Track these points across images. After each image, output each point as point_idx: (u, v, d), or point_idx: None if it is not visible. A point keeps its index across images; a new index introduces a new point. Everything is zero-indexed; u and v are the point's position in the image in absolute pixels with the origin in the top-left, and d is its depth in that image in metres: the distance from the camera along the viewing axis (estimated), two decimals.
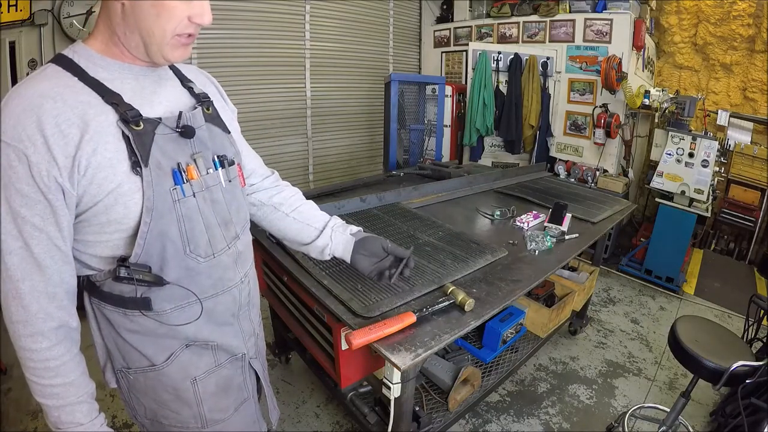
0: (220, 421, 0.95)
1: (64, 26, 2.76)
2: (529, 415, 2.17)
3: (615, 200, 2.69)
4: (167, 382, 0.86)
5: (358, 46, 4.58)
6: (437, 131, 3.68)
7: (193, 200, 0.79)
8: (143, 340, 0.82)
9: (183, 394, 0.88)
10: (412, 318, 1.19)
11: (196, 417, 0.91)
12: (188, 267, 0.81)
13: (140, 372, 0.85)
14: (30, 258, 0.69)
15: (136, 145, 0.72)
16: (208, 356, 0.90)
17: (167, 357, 0.84)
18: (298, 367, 2.42)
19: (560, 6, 4.02)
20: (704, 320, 1.83)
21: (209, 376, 0.91)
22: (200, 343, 0.87)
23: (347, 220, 1.92)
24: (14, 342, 0.73)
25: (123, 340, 0.83)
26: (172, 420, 0.90)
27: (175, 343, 0.85)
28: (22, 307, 0.70)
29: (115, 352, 0.86)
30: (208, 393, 0.91)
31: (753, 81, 4.01)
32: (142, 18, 0.70)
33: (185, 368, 0.87)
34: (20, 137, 0.65)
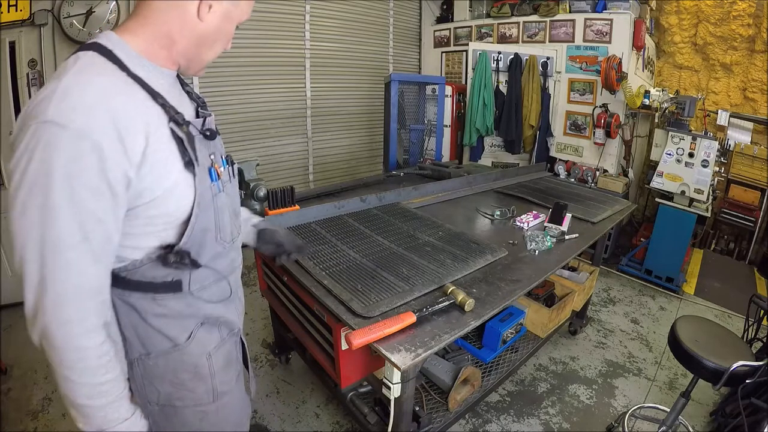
0: (226, 392, 1.02)
1: (64, 26, 2.76)
2: (529, 415, 2.17)
3: (615, 200, 2.69)
4: (188, 360, 0.92)
5: (358, 46, 4.59)
6: (437, 131, 3.68)
7: (222, 194, 0.89)
8: (168, 322, 0.87)
9: (201, 370, 0.94)
10: (412, 318, 1.19)
11: (209, 391, 0.97)
12: (216, 251, 0.90)
13: (161, 355, 0.89)
14: (88, 252, 0.69)
15: (189, 146, 0.79)
16: (215, 333, 0.97)
17: (188, 336, 0.90)
18: (298, 367, 2.42)
19: (560, 6, 4.03)
20: (704, 320, 1.83)
21: (218, 351, 0.98)
22: (212, 320, 0.95)
23: (347, 220, 1.93)
24: (65, 345, 0.70)
25: (147, 325, 0.85)
26: (187, 400, 0.95)
27: (193, 322, 0.91)
28: (77, 304, 0.70)
29: (134, 340, 0.87)
30: (218, 367, 0.98)
31: (753, 81, 4.01)
32: (213, 40, 0.81)
33: (202, 345, 0.93)
34: (93, 128, 0.65)
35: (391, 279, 1.43)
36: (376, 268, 1.50)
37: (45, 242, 0.65)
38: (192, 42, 0.80)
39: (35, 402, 2.13)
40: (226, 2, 0.79)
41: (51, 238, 0.65)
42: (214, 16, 0.79)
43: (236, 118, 3.80)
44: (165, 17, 0.76)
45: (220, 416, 1.02)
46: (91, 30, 2.85)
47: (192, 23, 0.77)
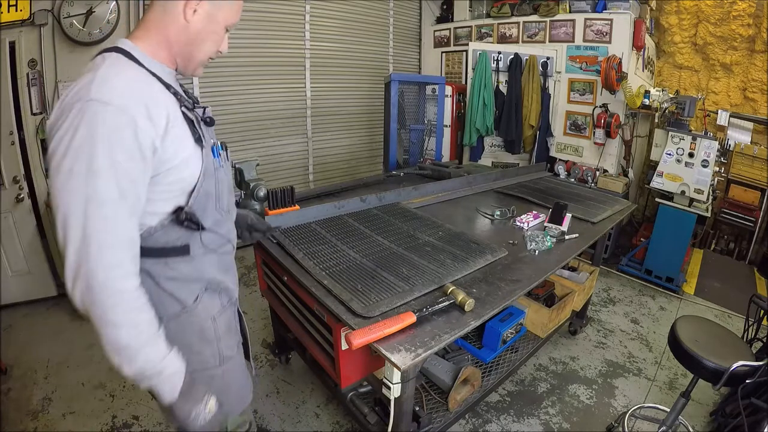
0: (229, 357, 1.12)
1: (64, 26, 2.76)
2: (529, 415, 2.17)
3: (615, 200, 2.70)
4: (195, 322, 1.03)
5: (358, 46, 4.59)
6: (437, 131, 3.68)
7: (222, 169, 1.05)
8: (179, 286, 0.99)
9: (206, 333, 1.05)
10: (412, 318, 1.19)
11: (215, 354, 1.08)
12: (216, 218, 1.03)
13: (172, 319, 0.99)
14: (125, 208, 0.81)
15: (198, 127, 0.97)
16: (217, 299, 1.08)
17: (195, 299, 1.02)
18: (298, 367, 2.42)
19: (560, 6, 4.03)
20: (704, 320, 1.83)
21: (221, 316, 1.09)
22: (214, 285, 1.06)
23: (347, 220, 1.93)
24: (108, 288, 0.79)
25: (160, 289, 0.96)
26: (195, 363, 1.03)
27: (199, 286, 1.02)
28: (117, 252, 0.81)
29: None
30: (222, 331, 1.09)
31: (753, 81, 4.01)
32: (201, 39, 0.94)
33: (207, 308, 1.05)
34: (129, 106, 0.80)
35: (391, 279, 1.43)
36: (376, 268, 1.50)
37: (89, 200, 0.77)
38: (183, 42, 0.93)
39: (35, 402, 2.13)
40: (206, 4, 0.91)
41: (94, 195, 0.77)
42: (199, 17, 0.92)
43: (236, 118, 3.80)
44: (162, 23, 0.91)
45: (225, 381, 1.11)
46: (91, 30, 2.85)
47: (182, 25, 0.91)
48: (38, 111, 2.85)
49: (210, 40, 0.96)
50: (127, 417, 2.06)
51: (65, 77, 2.88)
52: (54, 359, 2.44)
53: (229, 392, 1.12)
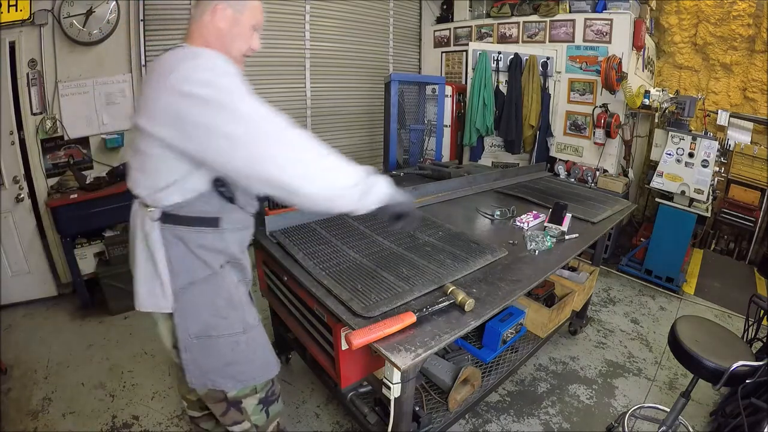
0: (252, 326, 1.20)
1: (64, 26, 2.76)
2: (529, 415, 2.17)
3: (615, 200, 2.69)
4: (223, 286, 1.13)
5: (358, 46, 4.58)
6: (437, 131, 3.68)
7: None
8: (207, 253, 1.10)
9: (233, 297, 1.15)
10: (412, 318, 1.19)
11: (240, 320, 1.16)
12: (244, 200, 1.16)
13: (203, 282, 1.10)
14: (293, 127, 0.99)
15: None
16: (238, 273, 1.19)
17: (221, 265, 1.13)
18: (298, 367, 2.42)
19: (560, 6, 4.03)
20: (704, 320, 1.83)
21: (242, 286, 1.20)
22: (234, 260, 1.17)
23: (347, 220, 1.93)
24: (337, 182, 1.02)
25: (192, 254, 1.08)
26: (221, 328, 1.13)
27: (223, 257, 1.14)
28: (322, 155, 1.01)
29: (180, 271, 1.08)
30: (244, 300, 1.19)
31: (753, 81, 4.01)
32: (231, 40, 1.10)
33: (231, 275, 1.16)
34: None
35: (391, 279, 1.43)
36: (376, 268, 1.50)
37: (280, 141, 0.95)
38: (218, 42, 1.08)
39: (35, 402, 2.13)
40: (229, 10, 1.07)
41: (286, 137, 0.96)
42: (225, 20, 1.07)
43: None
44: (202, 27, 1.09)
45: (249, 348, 1.19)
46: (91, 30, 2.85)
47: (214, 27, 1.08)
48: (38, 111, 2.85)
49: (240, 40, 1.11)
50: (127, 417, 2.06)
51: (65, 77, 2.88)
52: (54, 359, 2.44)
53: (254, 360, 1.21)
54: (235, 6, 1.08)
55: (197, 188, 1.05)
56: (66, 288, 3.13)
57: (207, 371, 1.15)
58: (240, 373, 1.18)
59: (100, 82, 3.02)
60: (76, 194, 2.77)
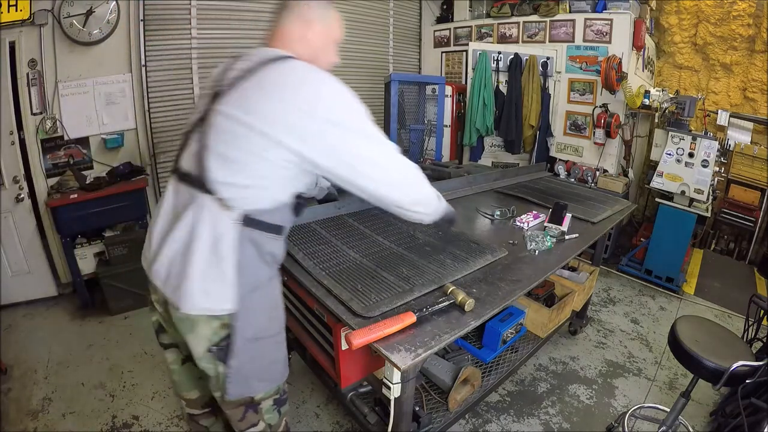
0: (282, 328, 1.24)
1: (64, 26, 2.76)
2: (529, 415, 2.17)
3: (615, 200, 2.69)
4: (275, 291, 1.19)
5: (358, 46, 4.58)
6: (437, 131, 3.68)
7: None
8: (271, 258, 1.14)
9: (278, 300, 1.21)
10: (412, 318, 1.19)
11: (280, 321, 1.21)
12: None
13: (265, 284, 1.14)
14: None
15: None
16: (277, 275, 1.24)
17: (276, 270, 1.19)
18: (298, 367, 2.41)
19: (560, 6, 4.02)
20: (704, 320, 1.83)
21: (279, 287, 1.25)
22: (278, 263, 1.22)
23: (347, 220, 1.93)
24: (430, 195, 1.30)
25: (260, 258, 1.10)
26: (270, 329, 1.17)
27: (277, 263, 1.19)
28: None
29: (250, 274, 1.08)
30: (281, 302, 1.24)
31: (753, 81, 4.01)
32: (321, 53, 1.19)
33: (278, 278, 1.22)
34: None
35: (391, 279, 1.43)
36: (376, 268, 1.50)
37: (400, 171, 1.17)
38: (309, 55, 1.16)
39: (35, 402, 2.13)
40: (319, 27, 1.17)
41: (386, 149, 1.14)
42: (317, 37, 1.17)
43: None
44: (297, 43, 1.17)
45: (282, 345, 1.24)
46: (91, 30, 2.85)
47: (305, 43, 1.17)
48: (38, 111, 2.85)
49: (327, 53, 1.20)
50: (127, 417, 2.06)
51: (65, 77, 2.88)
52: (54, 359, 2.44)
53: (284, 358, 1.26)
54: (324, 21, 1.18)
55: (282, 199, 1.12)
56: (66, 288, 3.13)
57: (249, 377, 1.14)
58: (276, 372, 1.23)
59: (100, 82, 3.02)
60: (76, 194, 2.77)
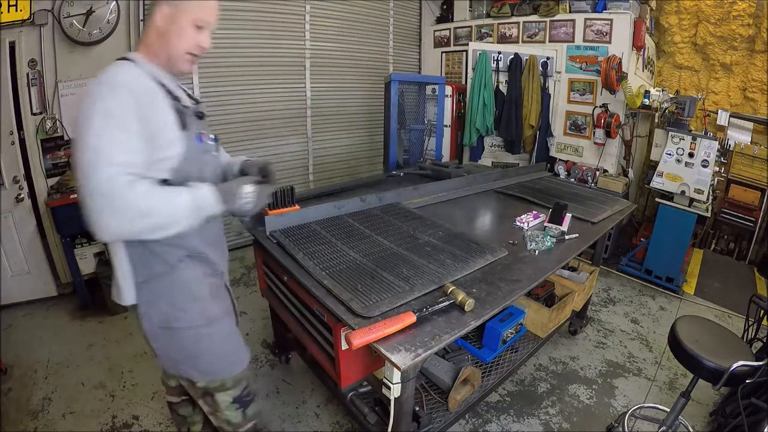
0: (217, 320, 1.23)
1: (64, 26, 2.76)
2: (529, 415, 2.17)
3: (615, 200, 2.69)
4: (180, 279, 1.16)
5: (358, 46, 4.58)
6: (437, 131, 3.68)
7: (208, 155, 1.26)
8: (164, 249, 1.13)
9: (192, 290, 1.18)
10: (412, 318, 1.19)
11: (201, 313, 1.19)
12: None
13: (160, 276, 1.14)
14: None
15: (183, 116, 1.12)
16: (201, 266, 1.21)
17: (178, 260, 1.16)
18: (298, 367, 2.42)
19: (560, 6, 4.02)
20: (704, 320, 1.83)
21: (204, 280, 1.22)
22: (197, 254, 1.20)
23: (347, 220, 1.93)
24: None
25: (149, 251, 1.11)
26: (182, 321, 1.16)
27: (182, 252, 1.16)
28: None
29: (140, 266, 1.12)
30: (207, 294, 1.21)
31: (753, 81, 4.01)
32: (169, 39, 1.12)
33: (190, 269, 1.18)
34: (128, 85, 1.00)
35: (391, 279, 1.43)
36: (376, 268, 1.50)
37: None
38: (159, 43, 1.12)
39: (35, 402, 2.13)
40: (167, 8, 1.09)
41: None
42: (165, 20, 1.10)
43: (236, 118, 3.80)
44: (146, 32, 1.14)
45: (214, 341, 1.22)
46: (91, 30, 2.85)
47: (156, 29, 1.11)
48: (38, 111, 2.85)
49: (182, 39, 1.12)
50: (127, 417, 2.06)
51: (65, 77, 2.88)
52: (54, 359, 2.44)
53: (219, 354, 1.24)
54: (172, 3, 1.09)
55: None
56: (66, 288, 3.13)
57: (177, 361, 1.21)
58: (206, 365, 1.22)
59: None
60: (76, 194, 2.76)
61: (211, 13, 1.15)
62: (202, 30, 1.14)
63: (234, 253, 3.86)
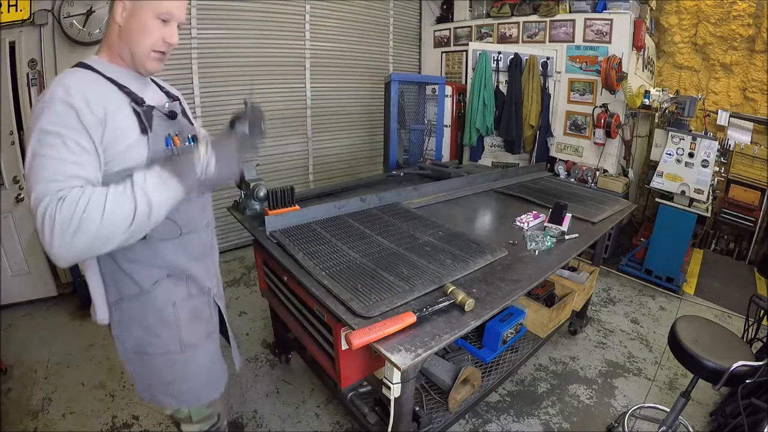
0: (194, 345, 1.17)
1: (64, 26, 2.76)
2: (529, 415, 2.17)
3: (615, 200, 2.69)
4: (153, 305, 1.09)
5: (358, 46, 4.58)
6: (437, 131, 3.68)
7: None
8: (136, 267, 1.05)
9: (166, 316, 1.11)
10: (412, 318, 1.19)
11: (175, 339, 1.13)
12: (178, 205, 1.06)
13: (132, 299, 1.07)
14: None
15: (144, 118, 1.02)
16: (182, 287, 1.14)
17: (153, 283, 1.08)
18: (298, 367, 2.42)
19: (560, 6, 4.02)
20: (704, 320, 1.83)
21: (184, 303, 1.14)
22: (178, 272, 1.12)
23: (347, 220, 1.93)
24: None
25: (120, 269, 1.04)
26: (156, 346, 1.11)
27: (159, 272, 1.09)
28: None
29: (111, 285, 1.07)
30: (185, 318, 1.14)
31: (753, 81, 4.01)
32: (131, 36, 1.01)
33: (167, 293, 1.10)
34: (72, 98, 0.89)
35: (391, 279, 1.43)
36: (376, 268, 1.50)
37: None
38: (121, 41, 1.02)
39: (35, 402, 2.13)
40: (126, 3, 0.99)
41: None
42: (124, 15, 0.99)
43: None
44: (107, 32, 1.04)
45: (189, 368, 1.16)
46: (91, 30, 2.85)
47: (116, 27, 1.01)
48: None
49: (146, 35, 1.00)
50: (127, 417, 2.06)
51: None
52: (54, 359, 2.44)
53: (193, 380, 1.19)
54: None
55: None
56: (66, 288, 3.13)
57: (150, 386, 1.16)
58: (178, 392, 1.18)
59: None
60: None
61: (175, 3, 1.01)
62: (167, 23, 1.02)
63: (234, 253, 3.86)
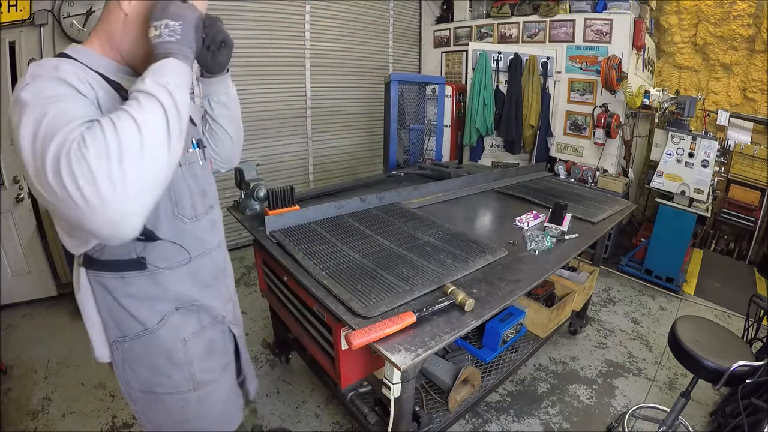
0: (209, 382, 1.07)
1: (64, 26, 2.76)
2: (529, 415, 2.17)
3: (615, 200, 2.69)
4: (161, 345, 0.97)
5: (358, 46, 4.58)
6: (437, 131, 3.68)
7: (179, 169, 0.95)
8: (138, 303, 0.92)
9: (174, 355, 0.99)
10: (412, 318, 1.19)
11: (188, 378, 1.02)
12: (176, 227, 0.95)
13: (135, 338, 0.94)
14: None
15: None
16: (194, 319, 1.02)
17: (159, 320, 0.95)
18: (298, 367, 2.42)
19: (560, 6, 4.02)
20: (704, 320, 1.83)
21: (196, 338, 1.03)
22: (187, 304, 0.99)
23: (347, 220, 1.93)
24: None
25: (119, 306, 0.91)
26: (166, 386, 1.00)
27: (166, 306, 0.96)
28: None
29: (110, 323, 0.94)
30: (197, 354, 1.03)
31: (753, 81, 4.01)
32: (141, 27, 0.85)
33: (175, 330, 0.98)
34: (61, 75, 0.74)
35: (391, 279, 1.43)
36: (376, 268, 1.50)
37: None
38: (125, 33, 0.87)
39: (35, 402, 2.13)
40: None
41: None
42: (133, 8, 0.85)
43: None
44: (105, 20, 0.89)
45: (203, 406, 1.07)
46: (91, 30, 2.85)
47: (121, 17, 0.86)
48: None
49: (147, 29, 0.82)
50: (127, 417, 2.06)
51: None
52: (54, 359, 2.44)
53: (207, 418, 1.09)
54: None
55: None
56: (66, 288, 3.13)
57: (159, 425, 1.06)
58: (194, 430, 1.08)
59: None
60: None
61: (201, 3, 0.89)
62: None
63: (234, 253, 3.86)
